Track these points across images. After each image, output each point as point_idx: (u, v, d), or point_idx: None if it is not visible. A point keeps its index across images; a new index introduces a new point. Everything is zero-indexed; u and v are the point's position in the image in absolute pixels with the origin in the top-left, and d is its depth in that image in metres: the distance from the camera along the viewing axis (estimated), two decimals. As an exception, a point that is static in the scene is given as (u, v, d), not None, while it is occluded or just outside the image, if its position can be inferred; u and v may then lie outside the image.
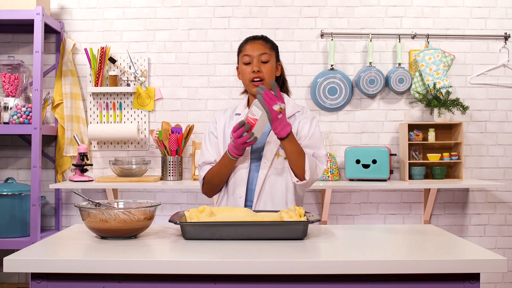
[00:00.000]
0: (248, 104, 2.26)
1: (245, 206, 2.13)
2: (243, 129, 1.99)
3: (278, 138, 2.05)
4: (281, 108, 1.97)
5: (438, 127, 3.54)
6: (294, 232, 1.73)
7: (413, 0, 3.61)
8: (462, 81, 3.62)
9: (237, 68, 2.26)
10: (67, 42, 3.52)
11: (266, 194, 2.12)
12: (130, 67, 3.53)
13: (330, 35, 3.56)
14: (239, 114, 2.24)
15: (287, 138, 2.03)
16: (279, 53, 2.30)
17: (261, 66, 2.15)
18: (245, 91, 2.34)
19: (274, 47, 2.23)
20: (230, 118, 2.26)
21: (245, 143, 2.00)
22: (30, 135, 3.23)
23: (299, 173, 2.07)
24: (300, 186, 2.13)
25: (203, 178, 2.19)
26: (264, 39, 2.23)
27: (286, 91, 2.35)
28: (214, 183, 2.17)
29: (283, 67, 2.32)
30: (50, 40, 3.58)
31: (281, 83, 2.32)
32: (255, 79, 2.15)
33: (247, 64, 2.17)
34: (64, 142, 3.49)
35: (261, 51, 2.16)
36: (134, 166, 3.32)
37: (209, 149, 2.22)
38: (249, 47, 2.18)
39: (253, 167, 2.15)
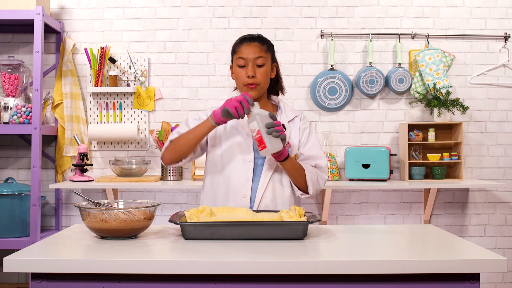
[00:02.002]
0: None
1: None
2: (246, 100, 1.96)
3: (277, 161, 2.06)
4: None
5: (438, 127, 3.54)
6: (294, 232, 1.73)
7: (413, 0, 3.61)
8: (462, 81, 3.62)
9: (231, 67, 2.22)
10: (67, 42, 3.52)
11: (270, 194, 2.11)
12: (130, 67, 3.53)
13: (330, 35, 3.56)
14: None
15: (286, 159, 2.05)
16: (276, 53, 2.26)
17: (256, 70, 2.11)
18: (237, 88, 2.32)
19: (270, 48, 2.18)
20: None
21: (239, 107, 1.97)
22: (30, 135, 3.23)
23: (302, 187, 2.12)
24: (305, 198, 2.16)
25: (170, 140, 2.13)
26: (260, 40, 2.16)
27: (281, 90, 2.31)
28: (178, 144, 2.09)
29: (278, 66, 2.26)
30: (50, 40, 3.59)
31: (275, 82, 2.27)
32: (250, 84, 2.11)
33: (242, 67, 2.12)
34: (64, 142, 3.49)
35: (257, 55, 2.11)
36: (134, 166, 3.32)
37: (190, 125, 2.16)
38: (244, 49, 2.12)
39: (255, 167, 2.13)
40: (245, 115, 1.99)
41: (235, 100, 1.96)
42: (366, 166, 3.37)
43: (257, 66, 2.11)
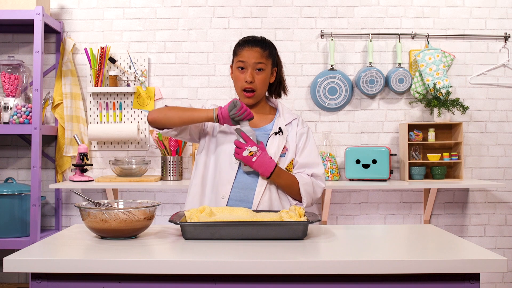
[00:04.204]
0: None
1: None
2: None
3: (264, 178, 2.07)
4: (251, 152, 2.00)
5: (438, 127, 3.54)
6: (294, 232, 1.73)
7: (413, 0, 3.61)
8: (462, 81, 3.62)
9: (231, 66, 2.20)
10: (67, 42, 3.52)
11: (267, 200, 2.09)
12: (130, 67, 3.53)
13: (330, 35, 3.56)
14: None
15: (272, 175, 2.04)
16: (279, 53, 2.24)
17: (255, 75, 2.10)
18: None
19: (271, 54, 2.15)
20: None
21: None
22: (30, 135, 3.23)
23: (297, 198, 2.12)
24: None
25: (166, 105, 2.11)
26: (262, 44, 2.14)
27: (284, 90, 2.28)
28: (171, 112, 2.05)
29: (281, 69, 2.24)
30: (50, 40, 3.59)
31: (277, 85, 2.26)
32: (247, 89, 2.11)
33: (241, 70, 2.12)
34: (64, 142, 3.49)
35: (257, 60, 2.10)
36: (134, 166, 3.32)
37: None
38: (245, 53, 2.11)
39: (248, 172, 2.09)
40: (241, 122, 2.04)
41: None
42: (366, 166, 3.37)
43: (257, 71, 2.11)
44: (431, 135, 3.45)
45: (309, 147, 2.16)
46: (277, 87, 2.27)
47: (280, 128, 2.13)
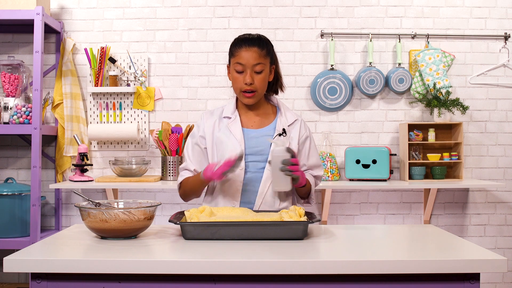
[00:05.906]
0: (237, 105, 2.20)
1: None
2: (234, 162, 1.94)
3: (298, 187, 2.08)
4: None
5: (438, 127, 3.54)
6: (294, 232, 1.73)
7: (413, 0, 3.61)
8: (462, 81, 3.62)
9: (228, 66, 2.16)
10: (67, 42, 3.52)
11: (268, 200, 2.10)
12: (130, 67, 3.53)
13: (330, 35, 3.56)
14: (229, 118, 2.15)
15: (306, 182, 2.10)
16: (276, 53, 2.21)
17: (255, 77, 2.07)
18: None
19: (269, 52, 2.11)
20: (219, 121, 2.17)
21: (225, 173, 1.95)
22: (30, 135, 3.23)
23: (304, 198, 2.18)
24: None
25: (180, 183, 2.16)
26: (259, 43, 2.09)
27: (281, 87, 2.26)
28: (187, 194, 2.15)
29: (278, 65, 2.22)
30: (50, 40, 3.59)
31: (274, 82, 2.23)
32: (247, 91, 2.08)
33: (240, 72, 2.08)
34: (64, 142, 3.49)
35: (256, 61, 2.06)
36: (134, 166, 3.32)
37: (190, 157, 2.16)
38: (243, 54, 2.06)
39: (251, 173, 2.09)
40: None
41: (224, 166, 1.93)
42: (366, 166, 3.37)
43: (256, 73, 2.07)
44: (431, 135, 3.45)
45: (313, 150, 2.23)
46: (275, 84, 2.25)
47: (283, 129, 2.14)
